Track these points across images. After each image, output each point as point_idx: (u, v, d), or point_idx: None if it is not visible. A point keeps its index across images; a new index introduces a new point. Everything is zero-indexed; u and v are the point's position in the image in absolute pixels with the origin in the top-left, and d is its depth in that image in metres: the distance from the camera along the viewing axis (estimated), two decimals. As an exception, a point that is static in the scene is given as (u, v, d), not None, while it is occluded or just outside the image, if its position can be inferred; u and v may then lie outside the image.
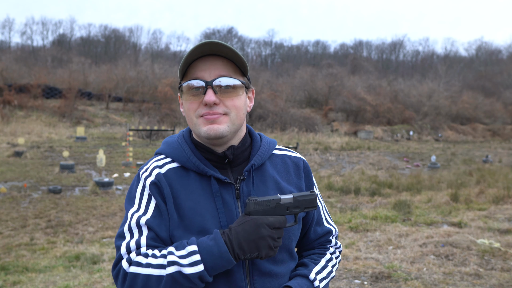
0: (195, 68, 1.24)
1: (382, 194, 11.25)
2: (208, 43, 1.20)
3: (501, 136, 40.52)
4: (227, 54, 1.23)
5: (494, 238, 5.86)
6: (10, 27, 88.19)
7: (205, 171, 1.26)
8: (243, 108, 1.28)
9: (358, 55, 78.57)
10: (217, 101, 1.21)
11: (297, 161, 1.42)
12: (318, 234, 1.44)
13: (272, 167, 1.36)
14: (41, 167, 15.78)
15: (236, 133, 1.30)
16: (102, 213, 9.33)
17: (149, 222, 1.21)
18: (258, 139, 1.38)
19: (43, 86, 38.32)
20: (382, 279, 4.42)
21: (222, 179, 1.25)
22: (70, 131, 29.39)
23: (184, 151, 1.29)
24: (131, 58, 57.65)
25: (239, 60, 1.24)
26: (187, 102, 1.26)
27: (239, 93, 1.25)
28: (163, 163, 1.30)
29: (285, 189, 1.33)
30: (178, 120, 34.32)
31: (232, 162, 1.30)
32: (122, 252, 1.19)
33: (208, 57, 1.24)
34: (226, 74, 1.23)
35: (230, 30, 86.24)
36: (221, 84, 1.22)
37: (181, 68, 1.25)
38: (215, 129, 1.21)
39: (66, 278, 5.00)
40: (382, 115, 40.05)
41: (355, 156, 22.38)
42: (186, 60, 1.22)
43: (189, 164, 1.27)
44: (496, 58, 76.11)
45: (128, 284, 1.15)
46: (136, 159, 18.62)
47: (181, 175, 1.27)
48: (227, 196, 1.26)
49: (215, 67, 1.23)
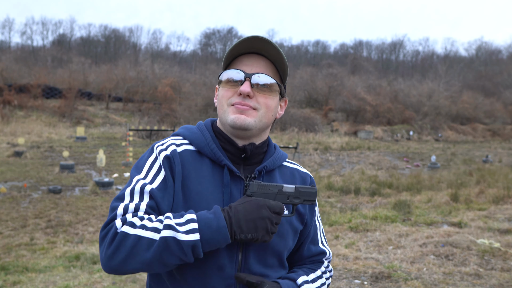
0: (238, 62, 1.28)
1: (382, 194, 11.25)
2: (257, 38, 1.23)
3: (501, 136, 40.52)
4: (272, 55, 1.26)
5: (494, 238, 5.86)
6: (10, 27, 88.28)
7: (221, 159, 1.26)
8: (273, 110, 1.30)
9: (358, 55, 78.55)
10: (251, 93, 1.23)
11: (304, 176, 1.44)
12: (312, 252, 1.43)
13: (280, 176, 1.37)
14: (41, 167, 15.78)
15: (260, 133, 1.31)
16: (102, 213, 9.33)
17: (153, 191, 1.17)
18: (273, 148, 1.40)
19: (43, 86, 38.32)
20: (382, 279, 4.42)
21: (234, 171, 1.26)
22: (70, 131, 29.39)
23: (204, 136, 1.30)
24: (131, 58, 57.65)
25: (282, 64, 1.28)
26: (223, 89, 1.27)
27: (273, 95, 1.28)
28: (181, 143, 1.30)
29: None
30: (178, 120, 34.31)
31: (247, 158, 1.31)
32: (118, 212, 1.14)
33: (253, 54, 1.27)
34: (266, 73, 1.26)
35: (230, 30, 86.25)
36: (259, 81, 1.24)
37: (225, 59, 1.28)
38: (242, 119, 1.23)
39: (66, 278, 5.00)
40: (382, 115, 40.05)
41: (355, 156, 22.37)
42: (232, 51, 1.26)
43: (206, 149, 1.27)
44: (496, 58, 76.11)
45: (115, 244, 1.08)
46: (136, 159, 18.60)
47: (195, 158, 1.27)
48: (235, 190, 1.26)
49: (258, 66, 1.26)
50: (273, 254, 1.29)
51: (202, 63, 64.92)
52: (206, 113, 36.60)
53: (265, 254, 1.28)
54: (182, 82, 42.92)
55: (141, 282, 4.63)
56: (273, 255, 1.29)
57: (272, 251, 1.28)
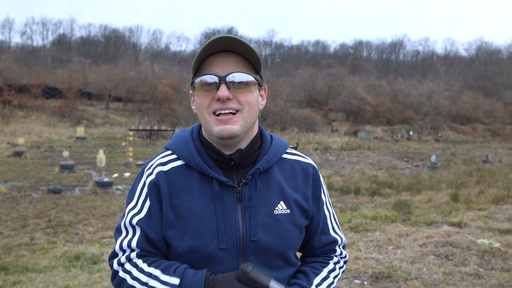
0: (208, 64, 1.23)
1: (382, 194, 11.25)
2: (223, 38, 1.18)
3: (501, 136, 40.52)
4: (240, 50, 1.22)
5: (494, 238, 5.86)
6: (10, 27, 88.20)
7: (208, 172, 1.24)
8: (256, 105, 1.26)
9: (358, 55, 78.56)
10: (230, 96, 1.19)
11: (306, 167, 1.37)
12: (322, 243, 1.40)
13: (279, 172, 1.32)
14: (41, 167, 15.78)
15: (248, 133, 1.27)
16: (102, 213, 9.33)
17: (140, 223, 1.25)
18: (268, 142, 1.34)
19: (43, 86, 38.33)
20: (382, 279, 4.42)
21: (224, 182, 1.23)
22: (70, 131, 29.40)
23: (190, 149, 1.28)
24: (131, 58, 57.66)
25: (253, 56, 1.23)
26: (200, 97, 1.24)
27: (252, 90, 1.24)
28: (168, 160, 1.30)
29: (290, 196, 1.30)
30: (178, 120, 34.31)
31: (238, 164, 1.27)
32: (116, 249, 1.29)
33: (222, 53, 1.22)
34: (240, 70, 1.22)
35: (230, 30, 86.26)
36: (235, 80, 1.20)
37: (194, 64, 1.23)
38: (228, 130, 1.20)
39: (66, 278, 5.00)
40: (382, 115, 40.06)
41: (355, 156, 22.38)
42: (200, 55, 1.21)
43: (192, 163, 1.26)
44: (496, 58, 76.12)
45: (116, 283, 1.27)
46: (136, 159, 18.62)
47: (184, 174, 1.26)
48: (228, 199, 1.24)
49: (229, 64, 1.21)
50: (276, 256, 1.27)
51: (202, 63, 64.80)
52: (206, 113, 36.56)
53: (268, 257, 1.26)
54: (182, 82, 42.92)
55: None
56: (276, 257, 1.27)
57: (274, 253, 1.26)
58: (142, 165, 16.20)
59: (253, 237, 1.23)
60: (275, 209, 1.27)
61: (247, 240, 1.23)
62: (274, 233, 1.25)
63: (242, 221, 1.24)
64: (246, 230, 1.23)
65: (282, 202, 1.29)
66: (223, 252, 1.21)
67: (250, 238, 1.23)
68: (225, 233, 1.21)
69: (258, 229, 1.24)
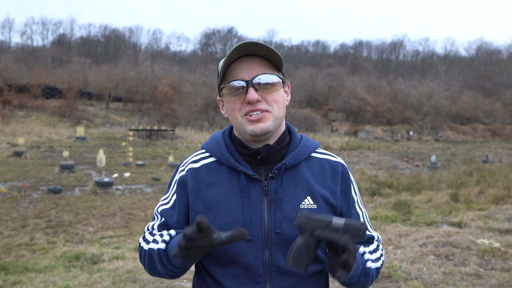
0: (233, 70, 1.29)
1: (382, 194, 11.25)
2: (245, 44, 1.24)
3: (501, 136, 40.53)
4: (262, 53, 1.28)
5: (494, 238, 5.86)
6: (10, 27, 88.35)
7: (236, 166, 1.31)
8: (283, 102, 1.33)
9: (358, 55, 78.57)
10: (259, 98, 1.26)
11: (335, 165, 1.39)
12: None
13: (307, 169, 1.36)
14: (41, 167, 15.78)
15: (278, 128, 1.33)
16: (102, 213, 9.33)
17: (163, 212, 1.38)
18: (298, 140, 1.39)
19: (43, 86, 38.35)
20: (382, 279, 4.42)
21: (251, 175, 1.29)
22: (70, 131, 29.40)
23: (220, 146, 1.36)
24: (131, 58, 57.69)
25: (274, 56, 1.28)
26: (230, 102, 1.30)
27: (277, 88, 1.30)
28: (200, 158, 1.40)
29: (317, 192, 1.32)
30: (178, 120, 34.34)
31: (265, 159, 1.32)
32: (145, 229, 1.42)
33: (244, 58, 1.28)
34: (264, 72, 1.28)
35: (230, 30, 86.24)
36: (261, 81, 1.27)
37: (220, 72, 1.31)
38: (261, 127, 1.27)
39: (66, 278, 5.00)
40: (382, 115, 40.07)
41: (355, 156, 22.38)
42: (225, 63, 1.27)
43: (222, 159, 1.34)
44: (496, 58, 76.13)
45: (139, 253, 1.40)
46: (136, 159, 18.62)
47: (214, 169, 1.35)
48: (254, 192, 1.29)
49: (252, 67, 1.27)
50: None
51: (202, 63, 64.94)
52: (206, 113, 36.60)
53: None
54: (182, 82, 42.95)
55: (141, 282, 4.62)
56: None
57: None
58: (142, 165, 15.99)
59: (278, 229, 1.26)
60: (301, 204, 1.30)
61: (272, 232, 1.27)
62: None
63: (267, 214, 1.28)
64: (271, 223, 1.27)
65: (309, 197, 1.32)
66: (248, 243, 1.26)
67: (274, 230, 1.27)
68: (250, 225, 1.26)
69: (283, 222, 1.27)
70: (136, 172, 15.40)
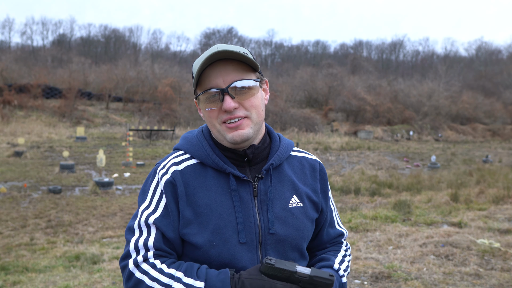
0: (207, 76, 1.25)
1: (382, 194, 11.25)
2: (217, 53, 1.20)
3: (501, 136, 40.50)
4: (235, 57, 1.24)
5: (494, 238, 5.86)
6: (10, 27, 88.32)
7: (224, 168, 1.27)
8: (261, 105, 1.30)
9: (358, 55, 78.55)
10: (236, 105, 1.23)
11: (313, 163, 1.43)
12: (331, 236, 1.46)
13: (289, 168, 1.37)
14: (41, 167, 15.78)
15: (259, 131, 1.31)
16: (102, 213, 9.33)
17: (157, 222, 1.25)
18: (277, 140, 1.40)
19: (43, 86, 38.35)
20: (382, 279, 4.42)
21: (240, 177, 1.27)
22: (70, 131, 29.40)
23: (204, 148, 1.31)
24: (131, 58, 57.66)
25: (248, 60, 1.25)
26: (207, 110, 1.27)
27: (254, 92, 1.27)
28: (181, 159, 1.32)
29: (301, 190, 1.35)
30: (178, 120, 34.32)
31: (251, 160, 1.32)
32: (131, 249, 1.24)
33: (218, 62, 1.24)
34: (239, 78, 1.24)
35: (230, 30, 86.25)
36: (237, 86, 1.23)
37: (194, 78, 1.27)
38: (240, 134, 1.24)
39: (66, 278, 5.00)
40: (382, 115, 40.06)
41: (355, 156, 22.37)
42: (198, 70, 1.23)
43: (208, 161, 1.29)
44: (496, 58, 76.11)
45: (132, 284, 1.22)
46: (136, 159, 18.62)
47: (199, 172, 1.30)
48: (245, 194, 1.28)
49: (227, 73, 1.24)
50: (293, 249, 1.31)
51: (202, 63, 64.75)
52: (206, 113, 36.54)
53: (285, 250, 1.29)
54: (182, 82, 42.92)
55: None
56: (293, 250, 1.31)
57: (291, 245, 1.30)
58: (142, 165, 15.91)
59: (271, 230, 1.27)
60: (289, 203, 1.32)
61: (265, 233, 1.27)
62: (290, 226, 1.30)
63: (259, 215, 1.28)
64: (264, 224, 1.27)
65: (295, 196, 1.34)
66: (243, 246, 1.25)
67: (268, 231, 1.27)
68: (244, 227, 1.25)
69: (275, 222, 1.28)
70: (136, 172, 15.40)
